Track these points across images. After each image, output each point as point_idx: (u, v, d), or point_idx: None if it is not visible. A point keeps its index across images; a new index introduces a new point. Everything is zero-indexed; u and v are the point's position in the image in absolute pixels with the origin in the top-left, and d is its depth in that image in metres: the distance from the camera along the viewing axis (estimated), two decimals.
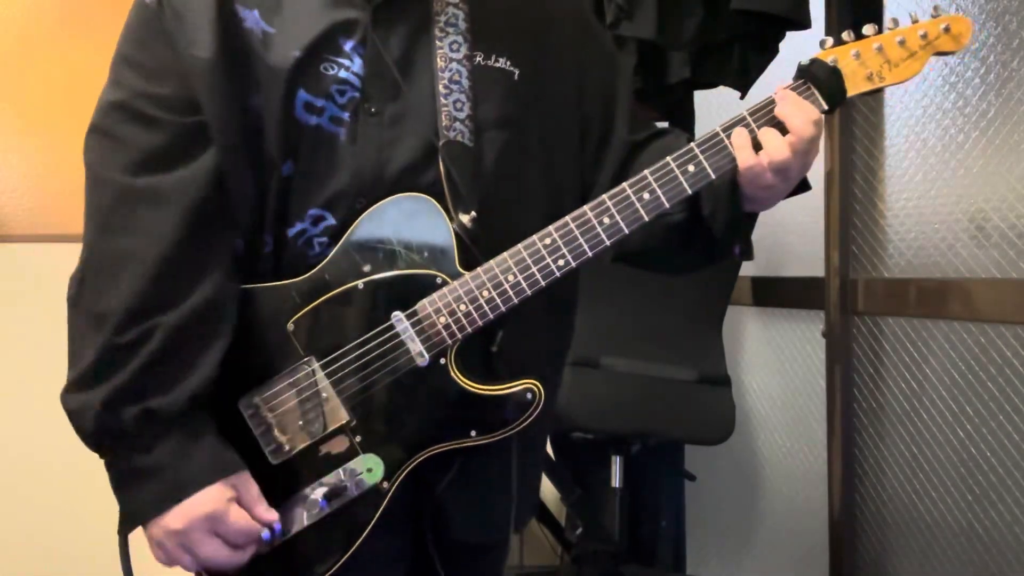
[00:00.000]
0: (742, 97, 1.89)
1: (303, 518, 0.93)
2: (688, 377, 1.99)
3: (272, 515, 0.92)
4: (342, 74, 0.97)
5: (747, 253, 1.06)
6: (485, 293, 0.94)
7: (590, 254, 0.95)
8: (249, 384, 0.95)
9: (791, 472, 2.15)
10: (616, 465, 2.08)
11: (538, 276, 0.95)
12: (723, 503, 2.46)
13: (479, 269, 0.95)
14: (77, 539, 2.73)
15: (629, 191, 0.95)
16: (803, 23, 1.70)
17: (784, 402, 2.18)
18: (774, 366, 2.22)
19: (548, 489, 2.43)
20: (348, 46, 0.98)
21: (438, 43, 1.00)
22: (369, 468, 0.94)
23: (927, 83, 1.68)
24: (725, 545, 2.46)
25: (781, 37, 1.80)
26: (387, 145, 0.97)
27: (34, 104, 2.75)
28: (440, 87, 0.99)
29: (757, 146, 0.96)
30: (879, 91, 1.01)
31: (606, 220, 0.95)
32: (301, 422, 0.94)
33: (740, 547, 2.38)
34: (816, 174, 1.94)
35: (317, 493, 0.93)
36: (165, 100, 0.94)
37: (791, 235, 2.14)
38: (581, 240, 0.95)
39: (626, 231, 0.95)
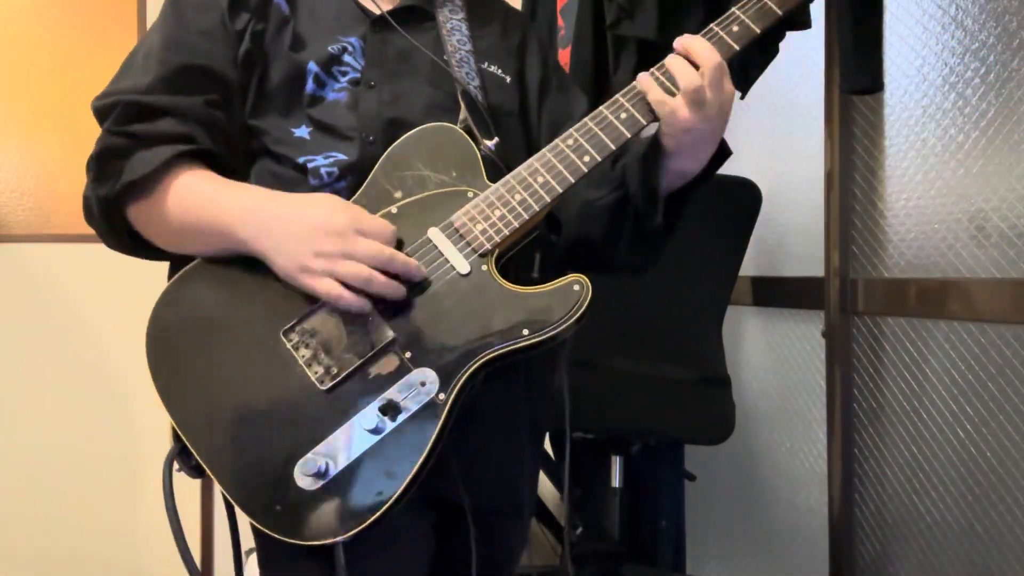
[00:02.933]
0: (742, 97, 1.89)
1: (360, 444, 0.89)
2: (688, 377, 1.99)
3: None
4: (346, 58, 1.06)
5: (671, 227, 1.09)
6: (517, 196, 0.98)
7: (613, 147, 0.99)
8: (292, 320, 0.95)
9: (791, 472, 2.15)
10: (616, 465, 2.07)
11: (566, 173, 0.98)
12: (723, 503, 2.46)
13: (507, 176, 0.99)
14: (75, 538, 2.73)
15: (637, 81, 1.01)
16: (803, 24, 1.71)
17: (784, 402, 2.18)
18: (774, 366, 2.22)
19: (548, 489, 2.43)
20: (351, 40, 1.08)
21: (448, 47, 1.12)
22: (423, 382, 0.91)
23: (927, 83, 1.68)
24: (725, 545, 2.46)
25: (781, 37, 1.80)
26: (391, 105, 1.06)
27: (35, 104, 2.75)
28: (453, 63, 1.09)
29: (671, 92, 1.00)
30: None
31: (623, 115, 1.00)
32: (347, 344, 0.93)
33: (740, 547, 2.38)
34: (816, 174, 1.95)
35: (372, 415, 0.89)
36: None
37: (791, 235, 2.14)
38: (602, 135, 0.99)
39: (644, 123, 1.00)
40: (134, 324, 1.04)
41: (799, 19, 1.69)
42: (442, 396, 0.91)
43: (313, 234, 0.92)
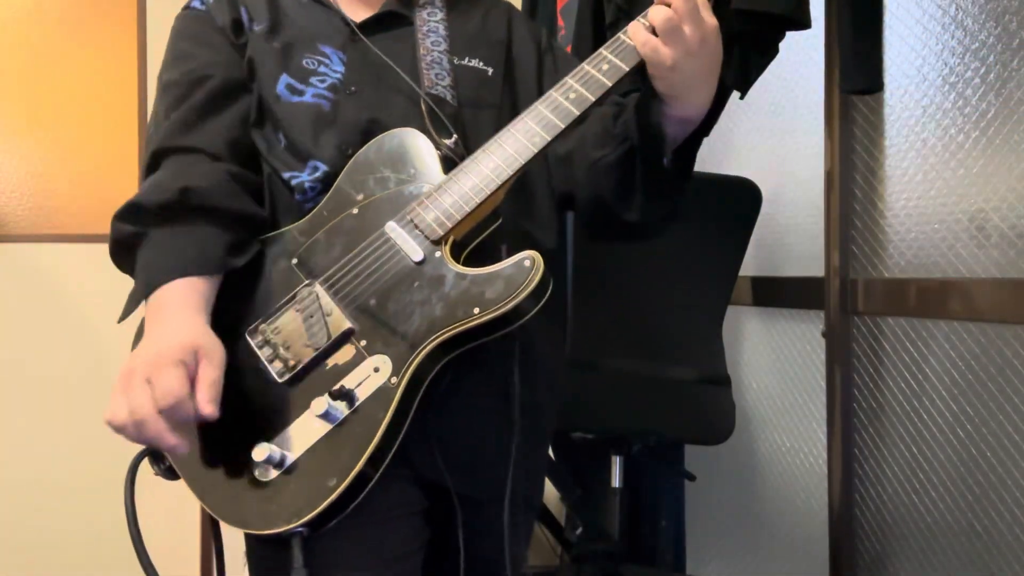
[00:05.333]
0: (742, 97, 1.89)
1: (314, 433, 0.91)
2: (688, 377, 1.99)
3: (209, 408, 0.88)
4: (322, 69, 1.09)
5: (684, 175, 1.07)
6: (468, 183, 0.99)
7: (562, 126, 0.99)
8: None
9: (791, 472, 2.15)
10: (616, 465, 2.08)
11: (514, 154, 0.98)
12: (723, 503, 2.46)
13: (459, 166, 1.00)
14: (74, 538, 2.73)
15: (586, 67, 1.01)
16: (803, 23, 1.70)
17: (784, 402, 2.18)
18: (774, 366, 2.22)
19: (548, 489, 2.44)
20: (328, 50, 1.11)
21: (421, 50, 1.12)
22: (376, 368, 0.93)
23: (927, 83, 1.68)
24: (725, 545, 2.46)
25: (781, 37, 1.80)
26: (368, 110, 1.08)
27: (35, 105, 2.75)
28: (423, 66, 1.10)
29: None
30: None
31: (571, 95, 1.00)
32: (306, 337, 0.96)
33: (740, 547, 2.38)
34: (816, 174, 1.95)
35: (325, 403, 0.90)
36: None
37: (791, 235, 2.14)
38: (551, 116, 0.99)
39: (593, 99, 0.99)
40: (134, 324, 1.05)
41: (799, 19, 1.69)
42: (394, 380, 0.92)
43: (142, 354, 0.92)
